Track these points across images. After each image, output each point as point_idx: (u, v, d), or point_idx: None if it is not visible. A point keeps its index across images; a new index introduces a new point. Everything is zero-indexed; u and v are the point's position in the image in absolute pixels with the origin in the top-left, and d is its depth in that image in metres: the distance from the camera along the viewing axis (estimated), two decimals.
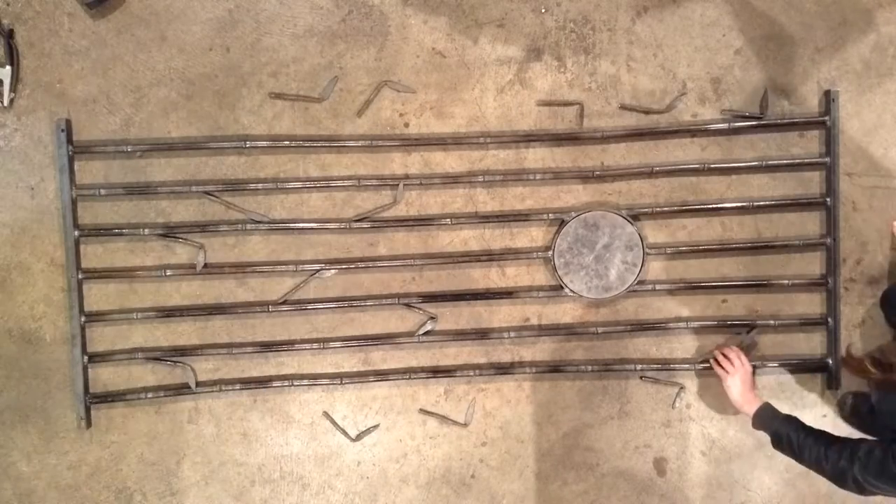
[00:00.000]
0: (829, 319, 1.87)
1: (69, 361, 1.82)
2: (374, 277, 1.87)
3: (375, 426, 1.88)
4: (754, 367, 1.83)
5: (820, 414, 1.91)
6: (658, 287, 1.87)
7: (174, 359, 1.84)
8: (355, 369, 1.88)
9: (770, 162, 1.86)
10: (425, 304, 1.86)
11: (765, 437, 1.90)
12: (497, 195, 1.87)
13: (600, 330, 1.87)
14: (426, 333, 1.86)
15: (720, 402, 1.91)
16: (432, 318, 1.87)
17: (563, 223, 1.85)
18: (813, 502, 1.92)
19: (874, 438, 1.50)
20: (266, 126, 1.84)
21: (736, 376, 1.75)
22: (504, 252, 1.88)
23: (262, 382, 1.85)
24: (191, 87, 1.83)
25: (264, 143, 1.82)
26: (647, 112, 1.86)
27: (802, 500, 1.92)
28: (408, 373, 1.87)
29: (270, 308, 1.84)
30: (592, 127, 1.86)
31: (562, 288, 1.85)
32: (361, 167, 1.85)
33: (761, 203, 1.87)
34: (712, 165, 1.86)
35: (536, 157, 1.87)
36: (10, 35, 1.78)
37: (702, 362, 1.88)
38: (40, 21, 1.80)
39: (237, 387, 1.84)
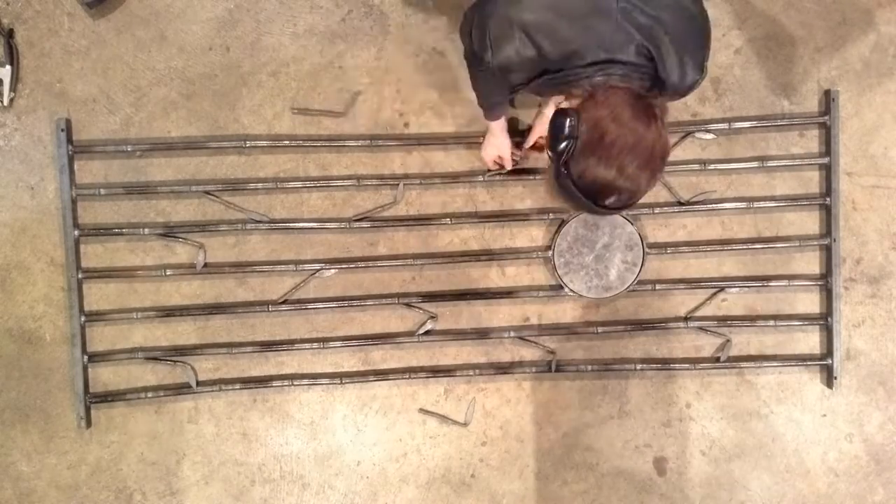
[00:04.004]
0: (829, 319, 1.87)
1: (69, 361, 1.82)
2: (374, 277, 1.87)
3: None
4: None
5: (820, 413, 1.91)
6: (658, 286, 1.88)
7: (174, 358, 1.84)
8: (355, 369, 1.88)
9: (770, 161, 1.86)
10: (425, 303, 1.86)
11: (764, 437, 1.91)
12: (497, 195, 1.87)
13: (600, 329, 1.87)
14: (426, 333, 1.86)
15: (720, 402, 1.91)
16: (432, 317, 1.87)
17: (563, 223, 1.85)
18: (813, 502, 1.92)
19: None
20: (266, 126, 1.84)
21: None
22: (504, 252, 1.88)
23: (262, 382, 1.85)
24: (191, 87, 1.83)
25: (264, 143, 1.82)
26: None
27: (802, 500, 1.92)
28: (408, 372, 1.87)
29: (270, 308, 1.84)
30: None
31: (562, 288, 1.85)
32: (361, 167, 1.85)
33: (761, 202, 1.87)
34: (712, 165, 1.86)
35: (536, 156, 1.87)
36: (10, 35, 1.79)
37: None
38: (40, 21, 1.80)
39: (237, 386, 1.84)
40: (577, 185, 1.17)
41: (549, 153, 1.21)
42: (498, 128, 1.68)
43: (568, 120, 1.16)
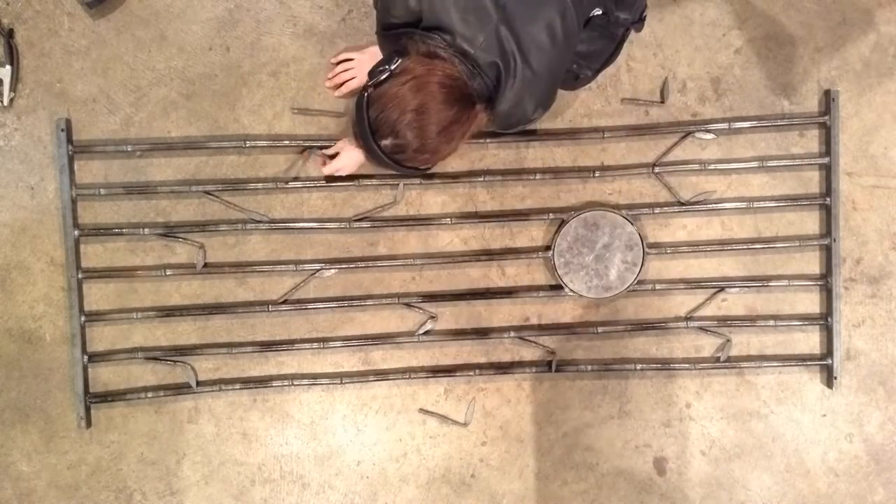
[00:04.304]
0: (829, 319, 1.87)
1: (69, 361, 1.82)
2: (374, 277, 1.87)
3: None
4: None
5: (820, 413, 1.91)
6: (658, 287, 1.88)
7: (174, 358, 1.84)
8: (355, 369, 1.88)
9: (770, 162, 1.86)
10: (425, 303, 1.87)
11: (764, 437, 1.91)
12: (497, 195, 1.87)
13: (600, 329, 1.87)
14: (426, 333, 1.86)
15: (720, 402, 1.91)
16: (432, 317, 1.87)
17: (563, 223, 1.85)
18: (813, 502, 1.92)
19: None
20: (266, 126, 1.84)
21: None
22: (504, 252, 1.88)
23: (262, 382, 1.85)
24: (191, 87, 1.83)
25: (264, 143, 1.82)
26: (646, 103, 1.86)
27: (802, 500, 1.92)
28: (408, 372, 1.87)
29: (270, 307, 1.84)
30: (593, 126, 1.86)
31: (562, 288, 1.85)
32: (361, 167, 1.85)
33: (761, 202, 1.87)
34: (712, 165, 1.86)
35: (536, 156, 1.87)
36: (10, 35, 1.79)
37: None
38: (40, 21, 1.80)
39: (237, 386, 1.84)
40: (368, 110, 1.24)
41: (368, 76, 1.28)
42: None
43: (400, 60, 1.24)
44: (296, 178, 1.83)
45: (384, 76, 1.24)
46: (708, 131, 1.85)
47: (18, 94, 1.80)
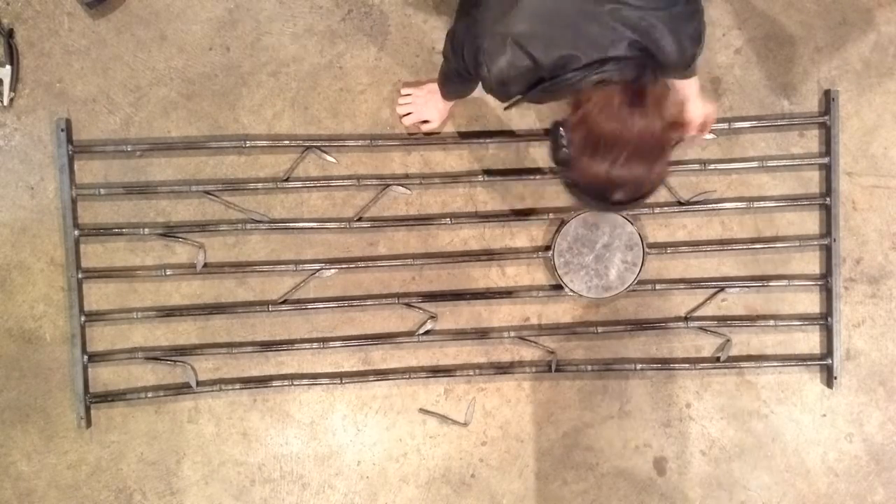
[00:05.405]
0: (829, 319, 1.87)
1: (69, 361, 1.82)
2: (374, 277, 1.87)
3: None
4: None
5: (820, 413, 1.91)
6: (658, 286, 1.88)
7: (174, 358, 1.84)
8: (355, 369, 1.88)
9: (770, 161, 1.86)
10: (425, 303, 1.87)
11: (764, 437, 1.91)
12: (497, 195, 1.87)
13: (600, 329, 1.87)
14: (426, 333, 1.86)
15: (720, 402, 1.91)
16: (432, 317, 1.87)
17: (562, 223, 1.85)
18: (813, 501, 1.92)
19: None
20: (266, 126, 1.84)
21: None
22: (504, 251, 1.88)
23: (262, 382, 1.85)
24: (191, 87, 1.83)
25: (264, 143, 1.82)
26: None
27: (802, 500, 1.92)
28: (408, 372, 1.87)
29: (270, 307, 1.84)
30: None
31: (562, 288, 1.85)
32: (361, 167, 1.86)
33: (761, 202, 1.87)
34: (712, 165, 1.86)
35: (536, 156, 1.87)
36: (10, 35, 1.79)
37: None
38: (40, 21, 1.80)
39: (237, 386, 1.84)
40: (581, 187, 1.18)
41: (553, 164, 1.22)
42: (449, 103, 1.77)
43: (561, 129, 1.18)
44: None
45: (564, 151, 1.17)
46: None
47: (18, 94, 1.80)
